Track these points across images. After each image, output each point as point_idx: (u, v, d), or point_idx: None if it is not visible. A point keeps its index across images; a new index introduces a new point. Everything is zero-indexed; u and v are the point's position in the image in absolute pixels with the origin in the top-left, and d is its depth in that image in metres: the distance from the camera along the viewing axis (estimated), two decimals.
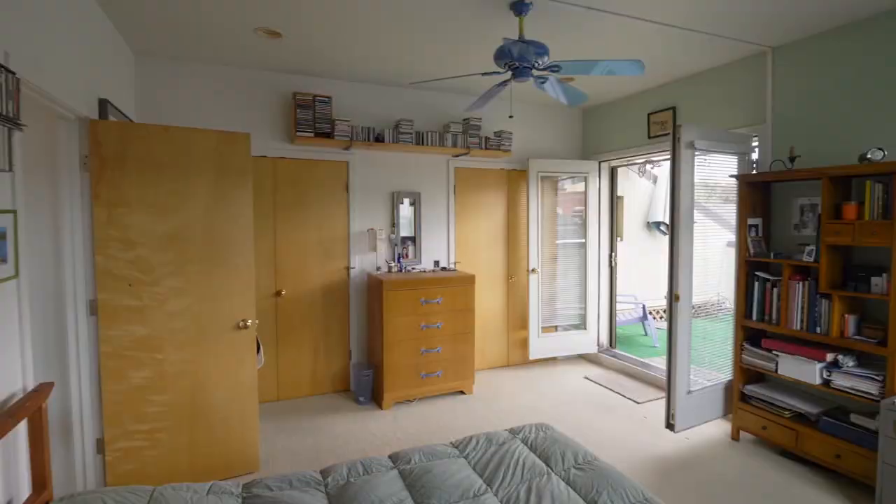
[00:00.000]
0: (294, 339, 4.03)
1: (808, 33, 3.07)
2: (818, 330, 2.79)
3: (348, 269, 4.19)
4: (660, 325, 5.93)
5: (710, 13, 2.79)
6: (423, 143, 4.20)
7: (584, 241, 4.99)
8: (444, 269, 4.45)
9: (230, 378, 2.80)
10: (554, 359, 5.08)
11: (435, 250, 4.53)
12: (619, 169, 5.19)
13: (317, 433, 3.40)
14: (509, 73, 2.68)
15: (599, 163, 4.98)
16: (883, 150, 2.60)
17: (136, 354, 2.57)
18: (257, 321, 2.93)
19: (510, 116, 3.16)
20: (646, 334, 6.03)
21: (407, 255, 4.39)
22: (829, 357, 2.76)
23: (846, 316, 2.70)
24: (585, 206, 4.97)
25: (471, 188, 4.69)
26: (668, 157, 3.17)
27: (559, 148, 5.12)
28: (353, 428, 3.49)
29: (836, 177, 2.71)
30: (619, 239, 5.43)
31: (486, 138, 4.49)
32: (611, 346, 5.13)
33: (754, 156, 3.47)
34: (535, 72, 2.66)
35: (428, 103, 4.45)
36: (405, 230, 4.41)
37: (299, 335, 4.05)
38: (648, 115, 4.37)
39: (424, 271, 4.28)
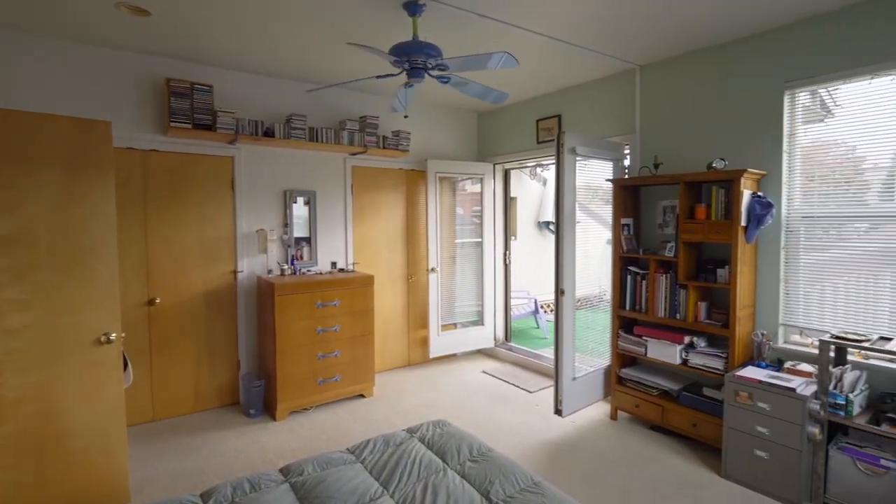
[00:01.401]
0: (172, 351, 3.65)
1: (667, 55, 3.48)
2: (678, 316, 3.18)
3: (235, 272, 3.89)
4: (550, 318, 6.35)
5: (588, 30, 3.04)
6: (317, 140, 4.04)
7: (480, 240, 5.17)
8: (341, 270, 4.32)
9: (90, 401, 2.44)
10: (454, 355, 5.19)
11: (332, 251, 4.39)
12: (512, 171, 5.45)
13: (200, 453, 3.11)
14: (403, 73, 2.67)
15: (494, 165, 5.20)
16: (724, 161, 3.03)
17: None
18: (124, 334, 2.60)
19: (405, 116, 3.16)
20: (538, 327, 6.43)
21: (301, 257, 4.19)
22: (687, 339, 3.17)
23: (699, 303, 3.11)
24: (482, 206, 5.15)
25: (369, 187, 4.62)
26: (554, 161, 3.40)
27: (456, 149, 5.25)
28: (242, 443, 3.25)
29: (690, 182, 3.11)
30: (513, 238, 5.71)
31: (384, 137, 4.44)
32: (506, 339, 5.38)
33: (626, 162, 3.86)
34: (430, 72, 2.68)
35: (323, 99, 4.29)
36: (299, 230, 4.21)
37: (178, 347, 3.67)
38: (537, 121, 4.65)
39: (321, 273, 4.12)
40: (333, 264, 4.34)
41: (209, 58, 3.55)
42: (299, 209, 4.21)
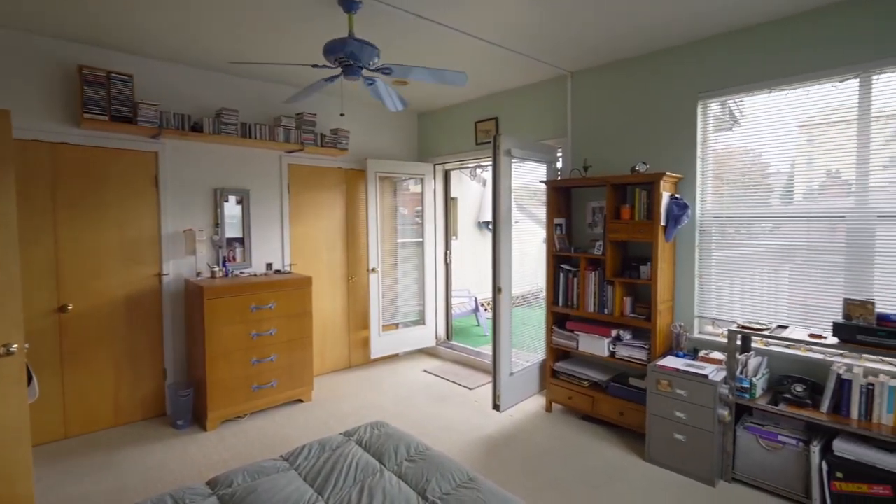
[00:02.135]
0: (87, 361, 3.37)
1: (596, 63, 3.66)
2: (606, 311, 3.36)
3: (160, 275, 3.65)
4: (490, 316, 6.48)
5: (521, 36, 3.13)
6: (250, 136, 3.88)
7: (421, 240, 5.19)
8: (277, 271, 4.18)
9: None
10: (396, 355, 5.18)
11: (268, 252, 4.23)
12: (452, 172, 5.51)
13: (120, 470, 2.90)
14: (339, 69, 2.63)
15: (434, 165, 5.23)
16: (646, 164, 3.24)
17: None
18: (27, 345, 2.37)
19: (342, 114, 3.12)
20: (478, 325, 6.55)
21: (234, 259, 4.01)
22: (614, 333, 3.35)
23: (624, 298, 3.30)
24: (422, 206, 5.17)
25: (307, 186, 4.50)
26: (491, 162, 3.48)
27: (397, 149, 5.23)
28: (169, 457, 3.06)
29: (616, 184, 3.29)
30: (454, 237, 5.78)
31: (322, 135, 4.35)
32: (448, 338, 5.44)
33: (559, 164, 4.01)
34: (365, 71, 2.66)
35: (256, 93, 4.12)
36: (232, 231, 4.03)
37: (94, 357, 3.40)
38: (475, 123, 4.73)
39: (255, 275, 3.97)
40: (269, 266, 4.19)
41: (129, 45, 3.31)
42: (231, 208, 4.03)
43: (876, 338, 2.30)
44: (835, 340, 2.43)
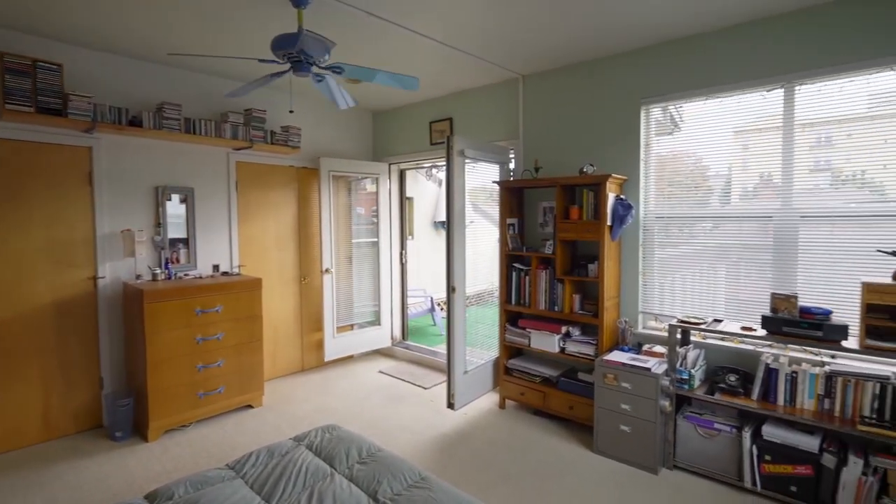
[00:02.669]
0: (11, 372, 3.12)
1: (546, 67, 3.75)
2: (556, 308, 3.45)
3: (95, 279, 3.44)
4: (446, 315, 6.51)
5: (473, 38, 3.16)
6: (194, 132, 3.71)
7: (377, 240, 5.15)
8: (225, 273, 4.03)
9: None
10: (351, 357, 5.11)
11: (214, 253, 4.07)
12: (408, 172, 5.49)
13: (51, 487, 2.71)
14: (288, 65, 2.57)
15: (389, 165, 5.19)
16: (593, 165, 3.35)
17: None
18: None
19: (291, 111, 3.03)
20: (434, 324, 6.57)
21: (178, 260, 3.83)
22: (564, 329, 3.45)
23: (574, 296, 3.41)
24: (377, 206, 5.12)
25: (256, 185, 4.36)
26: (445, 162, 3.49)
27: (351, 148, 5.15)
28: (105, 471, 2.89)
29: (565, 185, 3.39)
30: (410, 237, 5.76)
31: (272, 132, 4.22)
32: (403, 338, 5.42)
33: (512, 165, 4.08)
34: (315, 68, 2.61)
35: (201, 87, 3.95)
36: (175, 231, 3.84)
37: (20, 367, 3.15)
38: (430, 123, 4.73)
39: (201, 277, 3.80)
40: (216, 267, 4.03)
41: (58, 32, 3.09)
42: (175, 207, 3.84)
43: (799, 329, 2.49)
44: (763, 332, 2.61)
